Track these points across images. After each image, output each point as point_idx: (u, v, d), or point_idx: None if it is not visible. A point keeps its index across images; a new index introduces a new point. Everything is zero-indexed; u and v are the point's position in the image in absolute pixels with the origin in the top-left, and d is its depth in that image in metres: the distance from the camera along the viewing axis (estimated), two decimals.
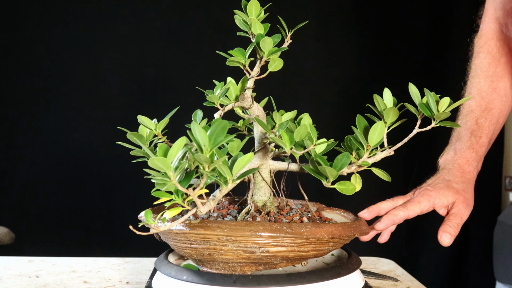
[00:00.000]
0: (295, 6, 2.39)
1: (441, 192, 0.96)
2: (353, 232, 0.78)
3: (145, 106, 2.33)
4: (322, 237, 0.74)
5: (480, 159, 1.05)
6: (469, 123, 1.08)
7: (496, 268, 2.17)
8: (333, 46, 2.45)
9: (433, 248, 2.45)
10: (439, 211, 0.98)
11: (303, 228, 0.73)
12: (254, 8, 0.81)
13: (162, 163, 0.59)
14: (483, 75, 1.12)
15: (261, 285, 0.73)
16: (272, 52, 0.80)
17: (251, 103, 0.82)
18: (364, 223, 0.84)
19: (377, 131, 0.76)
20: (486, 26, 1.18)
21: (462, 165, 1.03)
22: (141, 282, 1.03)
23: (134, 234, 0.66)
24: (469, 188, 1.01)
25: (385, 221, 0.93)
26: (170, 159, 0.61)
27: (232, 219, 0.82)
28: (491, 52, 1.14)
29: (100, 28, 2.33)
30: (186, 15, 2.38)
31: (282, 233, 0.72)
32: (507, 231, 2.11)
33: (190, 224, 0.73)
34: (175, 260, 0.90)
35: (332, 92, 2.41)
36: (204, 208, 0.69)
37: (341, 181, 0.76)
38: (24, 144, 2.31)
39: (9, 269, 1.11)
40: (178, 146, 0.61)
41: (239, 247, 0.73)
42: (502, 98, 1.11)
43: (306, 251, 0.76)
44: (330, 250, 0.80)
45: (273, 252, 0.74)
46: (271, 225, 0.72)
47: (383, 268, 1.14)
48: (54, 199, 2.32)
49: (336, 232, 0.75)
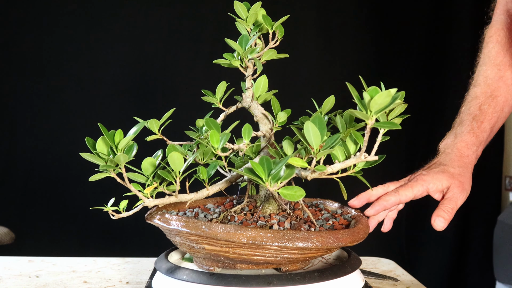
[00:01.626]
0: (295, 6, 2.39)
1: (435, 176, 0.95)
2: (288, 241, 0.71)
3: (146, 106, 2.33)
4: (246, 242, 0.71)
5: (480, 144, 1.04)
6: (472, 108, 1.08)
7: (496, 268, 2.17)
8: (333, 46, 2.45)
9: (433, 248, 2.46)
10: (434, 195, 0.96)
11: (220, 229, 0.71)
12: (240, 9, 0.81)
13: (92, 158, 0.75)
14: (490, 64, 1.13)
15: (261, 285, 0.73)
16: (251, 52, 0.80)
17: (250, 103, 0.82)
18: (324, 234, 0.74)
19: (310, 131, 0.68)
20: (497, 18, 1.18)
21: (460, 149, 1.02)
22: (141, 282, 1.03)
23: (134, 234, 0.66)
24: (466, 172, 0.99)
25: (376, 206, 0.91)
26: (102, 154, 0.73)
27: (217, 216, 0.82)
28: (500, 41, 1.15)
29: (100, 28, 2.33)
30: (186, 15, 2.38)
31: (199, 231, 0.73)
32: (507, 231, 2.11)
33: (148, 215, 0.82)
34: (175, 260, 0.90)
35: (332, 92, 2.41)
36: (154, 201, 0.77)
37: (288, 186, 0.69)
38: (24, 144, 2.31)
39: (9, 269, 1.11)
40: (102, 143, 0.73)
41: (183, 241, 0.77)
42: (508, 87, 1.11)
43: (246, 255, 0.73)
44: (281, 258, 0.74)
45: (210, 250, 0.75)
46: (195, 222, 0.74)
47: (383, 268, 1.14)
48: (54, 199, 2.32)
49: (259, 239, 0.70)
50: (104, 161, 0.73)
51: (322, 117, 0.72)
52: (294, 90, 2.40)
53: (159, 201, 0.78)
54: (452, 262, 2.48)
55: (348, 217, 0.88)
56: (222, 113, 0.85)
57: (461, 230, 2.46)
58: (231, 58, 0.81)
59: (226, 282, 0.74)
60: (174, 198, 0.79)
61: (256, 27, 0.82)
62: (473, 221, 2.47)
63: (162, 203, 0.78)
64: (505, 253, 2.13)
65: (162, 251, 0.91)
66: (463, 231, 2.47)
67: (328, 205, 0.94)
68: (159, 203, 0.78)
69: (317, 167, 0.71)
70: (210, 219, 0.81)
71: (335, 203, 0.93)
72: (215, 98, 0.85)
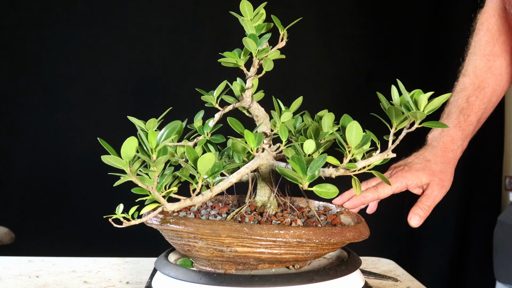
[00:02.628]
0: (295, 6, 2.39)
1: (415, 174, 0.98)
2: (328, 237, 0.73)
3: (146, 106, 2.33)
4: (288, 241, 0.72)
5: (466, 137, 1.07)
6: (460, 100, 1.10)
7: (496, 268, 2.17)
8: (333, 45, 2.45)
9: (433, 248, 2.46)
10: (413, 191, 1.00)
11: (265, 230, 0.71)
12: (246, 8, 0.80)
13: (115, 161, 0.65)
14: (480, 53, 1.14)
15: (263, 285, 0.73)
16: (261, 52, 0.79)
17: (250, 103, 0.82)
18: (353, 229, 0.78)
19: (353, 131, 0.71)
20: (489, 3, 1.19)
21: (446, 143, 1.05)
22: (141, 282, 1.03)
23: (134, 234, 0.67)
24: (448, 169, 1.02)
25: (354, 201, 0.94)
26: (125, 158, 0.65)
27: (225, 217, 0.82)
28: (491, 30, 1.15)
29: (100, 28, 2.33)
30: (186, 15, 2.38)
31: (242, 233, 0.71)
32: (507, 231, 2.11)
33: (163, 220, 0.75)
34: (175, 260, 0.90)
35: (332, 91, 2.41)
36: (173, 205, 0.73)
37: (320, 183, 0.72)
38: (24, 144, 2.31)
39: (9, 269, 1.11)
40: (129, 145, 0.64)
41: (209, 245, 0.74)
42: (496, 77, 1.13)
43: (280, 254, 0.74)
44: (313, 254, 0.77)
45: (242, 252, 0.73)
46: (232, 225, 0.72)
47: (383, 268, 1.14)
48: (54, 199, 2.32)
49: (304, 236, 0.72)
50: (128, 165, 0.66)
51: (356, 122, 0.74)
52: (294, 89, 2.40)
53: (178, 206, 0.74)
54: (452, 262, 2.48)
55: (335, 213, 0.90)
56: (216, 113, 0.85)
57: (461, 230, 2.46)
58: (236, 58, 0.81)
59: (230, 283, 0.74)
60: (189, 201, 0.75)
61: (261, 28, 0.81)
62: (473, 221, 2.47)
63: (180, 207, 0.75)
64: (505, 253, 2.13)
65: (162, 251, 0.91)
66: (463, 231, 2.47)
67: (304, 202, 0.94)
68: (178, 207, 0.74)
69: (348, 164, 0.74)
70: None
71: (314, 201, 0.94)
72: (213, 97, 0.84)
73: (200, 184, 0.72)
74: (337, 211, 0.91)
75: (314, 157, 0.74)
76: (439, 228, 2.41)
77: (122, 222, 0.70)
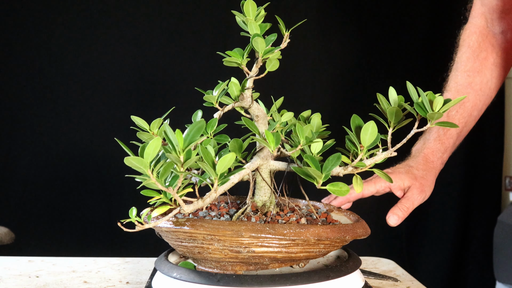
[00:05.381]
0: (295, 6, 2.39)
1: (398, 176, 1.02)
2: (344, 234, 0.76)
3: (146, 106, 2.33)
4: (308, 239, 0.73)
5: (446, 150, 1.12)
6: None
7: (496, 268, 2.17)
8: (333, 45, 2.45)
9: (433, 248, 2.45)
10: (396, 192, 1.03)
11: (287, 229, 0.72)
12: (250, 8, 0.80)
13: (138, 162, 0.62)
14: (461, 69, 1.19)
15: (263, 285, 0.73)
16: (267, 52, 0.79)
17: (250, 103, 0.82)
18: (361, 225, 0.81)
19: (368, 131, 0.74)
20: (472, 20, 1.23)
21: (427, 155, 1.10)
22: (141, 282, 1.03)
23: (134, 234, 0.66)
24: (429, 176, 1.06)
25: (340, 199, 1.00)
26: (147, 158, 0.62)
27: (228, 218, 0.82)
28: (472, 46, 1.19)
29: (100, 28, 2.33)
30: (187, 15, 2.37)
31: (264, 233, 0.71)
32: (507, 231, 2.11)
33: (177, 222, 0.73)
34: (175, 260, 0.90)
35: (332, 91, 2.41)
36: (189, 207, 0.71)
37: (333, 182, 0.74)
38: (24, 144, 2.31)
39: (9, 269, 1.11)
40: (153, 146, 0.62)
41: (225, 247, 0.73)
42: (477, 93, 1.16)
43: (295, 253, 0.75)
44: (323, 252, 0.78)
45: (259, 252, 0.73)
46: (254, 225, 0.71)
47: (383, 268, 1.14)
48: (54, 199, 2.32)
49: (323, 234, 0.73)
50: (149, 168, 0.63)
51: (373, 122, 0.76)
52: (293, 89, 2.40)
53: (193, 207, 0.72)
54: (452, 262, 2.47)
55: (324, 211, 0.92)
56: (215, 113, 0.84)
57: (461, 230, 2.46)
58: (239, 57, 0.81)
59: (231, 282, 0.74)
60: (201, 203, 0.73)
61: (264, 28, 0.81)
62: (473, 221, 2.47)
63: (195, 208, 0.73)
64: (505, 253, 2.13)
65: (162, 251, 0.91)
66: (463, 231, 2.47)
67: (292, 201, 0.95)
68: (193, 209, 0.72)
69: (357, 163, 0.76)
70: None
71: (301, 200, 0.95)
72: (214, 97, 0.84)
73: (216, 184, 0.70)
74: (326, 209, 0.93)
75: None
76: (439, 228, 2.41)
77: (135, 226, 0.68)
